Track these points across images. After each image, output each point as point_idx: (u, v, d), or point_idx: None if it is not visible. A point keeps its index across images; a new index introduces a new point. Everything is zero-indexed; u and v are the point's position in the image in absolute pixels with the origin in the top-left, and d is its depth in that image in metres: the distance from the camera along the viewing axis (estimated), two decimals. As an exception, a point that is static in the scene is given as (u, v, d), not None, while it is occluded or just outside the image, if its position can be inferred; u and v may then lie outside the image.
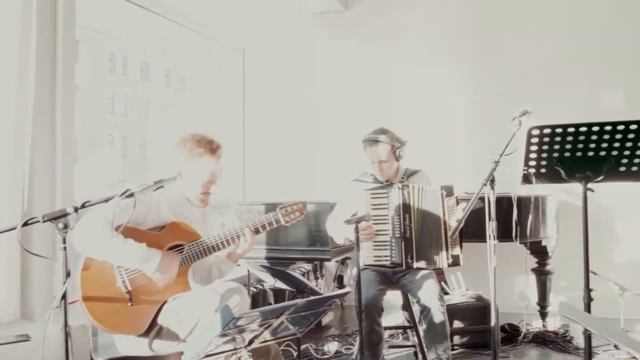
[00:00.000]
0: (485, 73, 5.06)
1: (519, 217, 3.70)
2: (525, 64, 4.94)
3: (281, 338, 2.19)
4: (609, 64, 4.73)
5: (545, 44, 4.93)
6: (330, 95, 5.46)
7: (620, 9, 4.77)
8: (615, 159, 2.50)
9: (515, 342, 4.00)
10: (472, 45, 5.10)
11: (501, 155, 2.66)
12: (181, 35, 5.03)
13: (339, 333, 4.38)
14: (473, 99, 5.11)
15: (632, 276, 4.38)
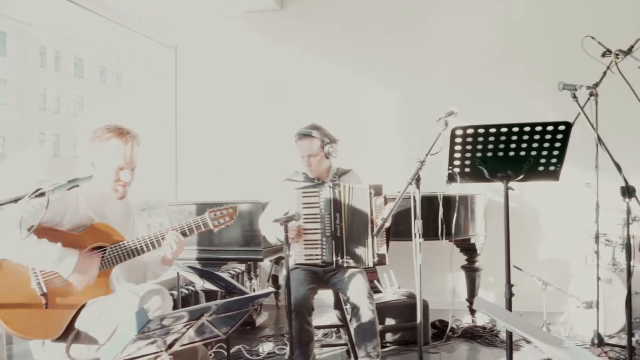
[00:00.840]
0: (416, 74, 5.15)
1: (448, 216, 3.80)
2: (457, 65, 5.07)
3: (206, 340, 2.14)
4: (536, 66, 4.91)
5: (476, 45, 5.07)
6: (264, 94, 5.42)
7: (548, 13, 4.96)
8: (534, 159, 2.59)
9: (445, 338, 4.08)
10: (404, 46, 5.18)
11: (427, 155, 2.71)
12: (114, 31, 4.87)
13: (273, 333, 4.35)
14: (405, 99, 5.20)
15: (554, 271, 4.59)
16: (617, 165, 2.53)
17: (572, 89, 3.10)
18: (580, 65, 3.39)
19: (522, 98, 4.90)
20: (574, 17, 4.84)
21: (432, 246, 3.86)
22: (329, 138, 3.34)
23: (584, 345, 3.82)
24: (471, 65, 5.04)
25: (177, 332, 1.91)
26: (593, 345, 3.67)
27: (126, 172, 2.43)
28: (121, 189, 2.44)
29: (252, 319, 4.49)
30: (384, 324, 3.86)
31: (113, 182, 2.42)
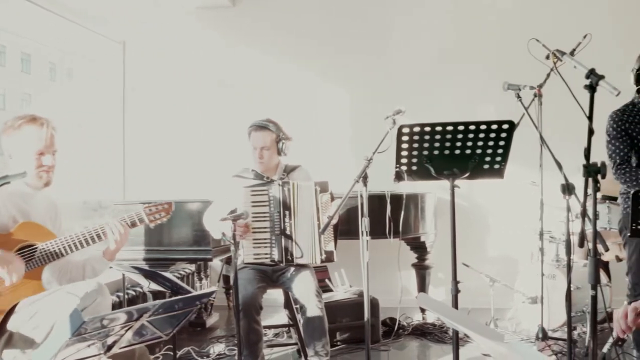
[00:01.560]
0: (368, 73, 5.18)
1: (398, 214, 3.83)
2: (407, 64, 5.13)
3: (147, 341, 2.08)
4: (484, 66, 5.00)
5: (426, 46, 5.13)
6: (214, 91, 5.35)
7: (496, 15, 5.06)
8: (479, 157, 2.62)
9: (394, 335, 4.11)
10: (356, 45, 5.20)
11: (374, 153, 2.73)
12: (62, 26, 4.72)
13: (224, 334, 4.29)
14: (356, 98, 5.22)
15: (502, 268, 4.69)
16: (557, 163, 2.60)
17: (516, 89, 3.17)
18: (527, 66, 3.46)
19: (471, 98, 4.99)
20: (521, 19, 4.96)
21: (383, 245, 3.88)
22: (283, 134, 3.35)
23: (529, 339, 3.92)
24: (421, 65, 5.11)
25: (116, 333, 1.85)
26: (538, 339, 3.76)
27: (48, 157, 2.36)
28: (45, 175, 2.36)
29: (202, 320, 4.42)
30: (334, 322, 3.85)
31: (35, 170, 2.34)
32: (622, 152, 3.05)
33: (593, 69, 1.94)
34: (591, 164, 2.05)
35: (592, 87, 1.93)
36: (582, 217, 2.25)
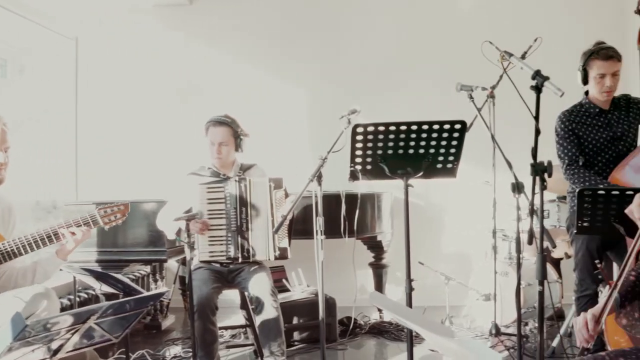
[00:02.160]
0: (325, 73, 5.19)
1: (353, 214, 3.86)
2: (365, 65, 5.16)
3: (96, 344, 2.03)
4: (440, 67, 5.07)
5: (384, 46, 5.18)
6: (170, 90, 5.28)
7: (452, 16, 5.15)
8: (432, 156, 2.65)
9: (350, 334, 4.13)
10: (314, 45, 5.21)
11: (328, 152, 2.73)
12: (12, 22, 4.56)
13: (180, 336, 4.23)
14: (314, 98, 5.22)
15: (458, 266, 4.77)
16: (508, 162, 2.65)
17: (468, 89, 3.23)
18: (483, 67, 3.51)
19: (427, 98, 5.05)
20: (476, 22, 5.05)
21: (340, 244, 3.90)
22: (241, 130, 3.34)
23: (483, 335, 3.99)
24: (378, 65, 5.15)
25: (61, 337, 1.80)
26: (491, 335, 3.84)
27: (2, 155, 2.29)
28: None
29: (157, 322, 4.35)
30: (291, 322, 3.85)
31: None
32: (571, 153, 3.14)
33: (538, 71, 2.00)
34: (538, 163, 2.11)
35: (537, 88, 1.99)
36: (530, 214, 2.30)
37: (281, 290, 4.05)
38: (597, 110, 3.16)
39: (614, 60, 3.04)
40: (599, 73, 3.06)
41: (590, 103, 3.18)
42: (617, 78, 3.09)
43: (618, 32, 4.60)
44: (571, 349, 3.64)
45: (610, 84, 3.06)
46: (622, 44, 3.41)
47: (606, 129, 3.14)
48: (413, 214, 4.74)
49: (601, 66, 3.04)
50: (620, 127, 3.15)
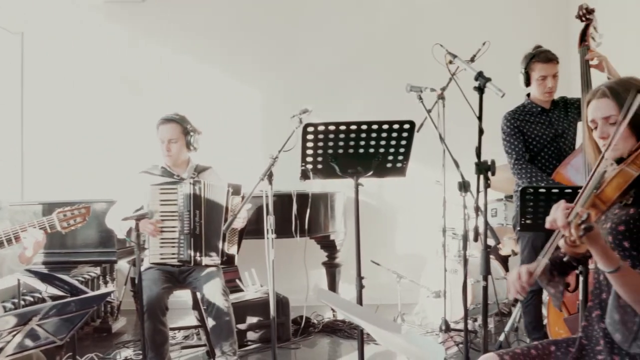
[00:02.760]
0: (280, 73, 5.19)
1: (308, 213, 3.88)
2: (319, 65, 5.18)
3: (40, 346, 1.99)
4: (393, 68, 5.13)
5: (338, 47, 5.21)
6: (121, 88, 5.18)
7: (405, 18, 5.22)
8: (382, 156, 2.70)
9: (306, 333, 4.16)
10: (268, 44, 5.21)
11: (279, 152, 2.75)
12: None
13: (131, 339, 4.16)
14: (268, 98, 5.22)
15: (410, 264, 4.84)
16: (455, 162, 2.72)
17: (417, 90, 3.30)
18: (436, 69, 3.58)
19: (381, 98, 5.11)
20: (429, 23, 5.14)
21: (294, 244, 3.92)
22: (191, 127, 3.32)
23: (434, 332, 4.07)
24: (332, 65, 5.18)
25: (3, 339, 1.76)
26: (441, 331, 3.92)
27: None
28: None
29: (107, 325, 4.26)
30: (245, 322, 3.84)
31: None
32: (517, 148, 3.31)
33: (481, 72, 2.06)
34: (482, 162, 2.18)
35: (480, 88, 2.05)
36: (475, 212, 2.37)
37: (234, 290, 4.04)
38: (539, 110, 3.36)
39: (553, 63, 3.26)
40: (540, 75, 3.26)
41: (532, 103, 3.38)
42: (557, 79, 3.32)
43: (562, 36, 4.78)
44: (517, 342, 3.76)
45: (552, 84, 3.28)
46: (565, 46, 3.56)
47: (548, 126, 3.34)
48: (366, 214, 4.83)
49: (542, 68, 3.24)
50: (560, 125, 3.36)
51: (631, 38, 4.13)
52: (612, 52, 3.67)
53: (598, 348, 1.66)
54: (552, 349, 1.74)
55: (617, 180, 1.52)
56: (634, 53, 3.98)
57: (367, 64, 5.23)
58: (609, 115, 1.65)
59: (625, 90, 1.62)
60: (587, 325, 1.74)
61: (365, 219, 4.50)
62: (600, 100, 1.68)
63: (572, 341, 1.74)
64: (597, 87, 1.72)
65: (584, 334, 1.73)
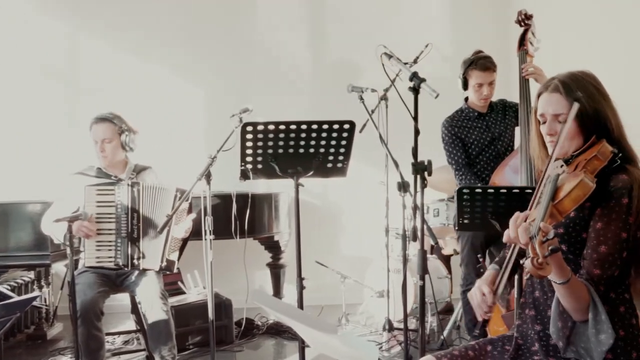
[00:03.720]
0: (224, 71, 5.11)
1: (251, 214, 3.85)
2: (263, 63, 5.13)
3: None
4: (340, 68, 5.14)
5: (278, 44, 5.17)
6: (56, 84, 4.98)
7: (352, 18, 5.23)
8: (322, 156, 2.69)
9: (250, 335, 4.11)
10: (212, 42, 5.12)
11: (218, 151, 2.70)
12: None
13: (67, 345, 4.00)
14: (212, 97, 5.14)
15: (355, 265, 4.86)
16: (395, 162, 2.73)
17: (359, 91, 3.31)
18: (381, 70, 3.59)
19: (326, 98, 5.11)
20: (375, 26, 5.17)
21: (238, 245, 3.87)
22: (126, 126, 3.22)
23: (377, 331, 4.10)
24: (276, 64, 5.15)
25: None
26: (385, 331, 3.95)
27: None
28: None
29: (42, 331, 4.09)
30: (187, 325, 3.76)
31: None
32: (458, 158, 3.40)
33: (415, 72, 2.08)
34: (418, 162, 2.19)
35: (415, 89, 2.06)
36: (413, 212, 2.38)
37: (176, 292, 3.96)
38: (476, 114, 3.45)
39: (490, 71, 3.33)
40: (477, 82, 3.34)
41: (469, 108, 3.47)
42: (493, 86, 3.39)
43: (503, 38, 4.89)
44: (459, 340, 3.82)
45: (487, 92, 3.36)
46: (507, 49, 3.64)
47: (485, 130, 3.43)
48: (311, 214, 4.83)
49: (479, 76, 3.32)
50: (497, 129, 3.45)
51: (568, 44, 4.27)
52: (549, 57, 3.80)
53: (533, 349, 1.67)
54: (488, 348, 1.75)
55: (577, 192, 1.46)
56: (570, 59, 4.12)
57: (312, 64, 5.23)
58: (559, 113, 1.61)
59: (578, 87, 1.59)
60: (522, 323, 1.75)
61: (310, 219, 4.53)
62: (552, 95, 1.62)
63: (508, 339, 1.75)
64: (550, 80, 1.66)
65: (519, 333, 1.74)
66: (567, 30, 4.28)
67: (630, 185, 1.50)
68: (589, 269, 1.52)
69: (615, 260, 1.50)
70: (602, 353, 1.44)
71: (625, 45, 3.66)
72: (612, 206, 1.51)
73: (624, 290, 1.59)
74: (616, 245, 1.50)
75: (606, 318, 1.44)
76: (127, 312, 4.17)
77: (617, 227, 1.50)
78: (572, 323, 1.50)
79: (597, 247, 1.52)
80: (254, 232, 4.00)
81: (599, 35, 3.93)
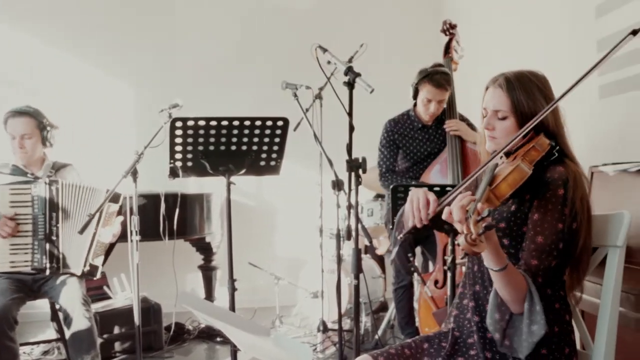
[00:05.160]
0: (154, 66, 4.93)
1: (183, 215, 3.71)
2: (197, 58, 4.99)
3: None
4: (274, 65, 5.06)
5: (215, 42, 5.04)
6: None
7: (286, 17, 5.17)
8: (255, 153, 2.62)
9: (181, 340, 3.97)
10: (144, 35, 4.92)
11: (145, 147, 2.58)
12: None
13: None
14: (141, 92, 4.93)
15: (290, 266, 4.81)
16: (329, 160, 2.69)
17: (293, 88, 3.25)
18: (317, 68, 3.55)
19: (261, 95, 5.02)
20: (311, 22, 5.13)
21: (168, 246, 3.72)
22: (47, 120, 3.03)
23: (312, 333, 4.05)
24: (210, 61, 5.01)
25: None
26: (319, 332, 3.91)
27: None
28: None
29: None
30: (112, 332, 3.58)
31: None
32: (388, 161, 3.41)
33: (350, 67, 2.04)
34: (353, 159, 2.15)
35: (350, 84, 2.03)
36: (348, 211, 2.35)
37: (101, 298, 3.77)
38: (420, 126, 3.42)
39: (443, 90, 3.25)
40: (426, 97, 3.28)
41: (415, 117, 3.43)
42: (442, 105, 3.32)
43: (435, 45, 4.97)
44: (393, 339, 3.83)
45: (434, 110, 3.31)
46: (438, 55, 3.67)
47: (426, 142, 3.42)
48: (245, 215, 4.73)
49: (430, 92, 3.25)
50: (438, 145, 3.42)
51: (489, 53, 4.36)
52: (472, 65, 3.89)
53: (470, 341, 1.66)
54: (425, 346, 1.72)
55: (513, 176, 1.48)
56: (490, 68, 4.21)
57: (247, 60, 5.11)
58: (499, 109, 1.62)
59: (520, 86, 1.60)
60: (459, 313, 1.74)
61: (243, 220, 4.42)
62: (496, 91, 1.64)
63: (445, 336, 1.74)
64: (499, 75, 1.67)
65: (456, 323, 1.73)
66: (489, 40, 4.38)
67: (566, 177, 1.53)
68: (526, 259, 1.53)
69: (552, 251, 1.51)
70: (531, 344, 1.44)
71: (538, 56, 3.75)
72: (548, 197, 1.53)
73: (559, 287, 1.61)
74: (553, 235, 1.51)
75: (541, 309, 1.44)
76: (47, 320, 3.94)
77: (553, 218, 1.51)
78: (510, 316, 1.50)
79: (534, 238, 1.53)
80: (184, 233, 3.85)
81: (516, 45, 4.04)
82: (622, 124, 2.86)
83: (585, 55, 3.14)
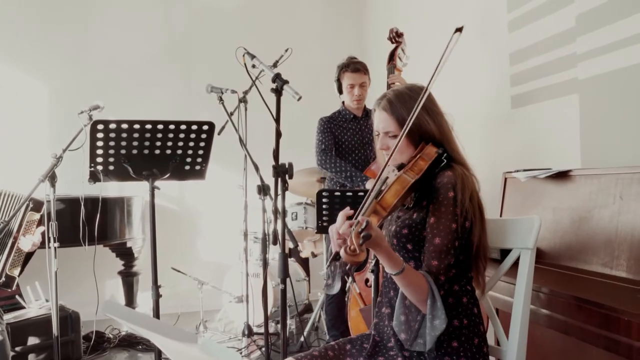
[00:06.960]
0: (73, 67, 4.75)
1: (103, 219, 3.60)
2: (116, 62, 4.86)
3: None
4: (197, 68, 5.01)
5: (138, 41, 4.93)
6: None
7: (210, 18, 5.12)
8: (180, 158, 2.58)
9: (100, 349, 3.85)
10: (60, 34, 4.74)
11: (64, 151, 2.48)
12: None
13: None
14: (58, 93, 4.73)
15: (214, 270, 4.76)
16: (255, 165, 2.70)
17: (218, 91, 3.24)
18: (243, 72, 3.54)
19: (186, 98, 4.96)
20: (236, 25, 5.11)
21: (89, 252, 3.58)
22: None
23: (237, 337, 4.04)
24: (131, 62, 4.89)
25: None
26: (244, 336, 3.89)
27: None
28: None
29: None
30: (26, 344, 3.41)
31: None
32: (326, 141, 3.56)
33: (278, 74, 2.07)
34: (279, 165, 2.18)
35: (277, 90, 2.05)
36: (274, 216, 2.37)
37: (14, 308, 3.58)
38: (352, 117, 3.66)
39: (361, 73, 3.56)
40: (349, 84, 3.57)
41: (346, 110, 3.68)
42: (365, 88, 3.62)
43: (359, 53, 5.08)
44: (318, 341, 3.89)
45: (359, 93, 3.58)
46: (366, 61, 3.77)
47: (357, 133, 3.64)
48: (167, 219, 4.65)
49: (350, 77, 3.55)
50: (368, 134, 3.66)
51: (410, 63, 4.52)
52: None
53: (390, 345, 1.75)
54: (347, 347, 1.80)
55: (396, 186, 1.59)
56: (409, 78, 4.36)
57: (170, 62, 5.03)
58: (388, 130, 1.74)
59: (402, 107, 1.71)
60: (378, 322, 1.83)
61: (166, 224, 4.34)
62: (381, 114, 1.75)
63: (367, 337, 1.82)
64: (382, 96, 1.78)
65: (376, 331, 1.81)
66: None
67: (454, 180, 1.64)
68: (427, 261, 1.64)
69: (449, 250, 1.62)
70: (434, 337, 1.54)
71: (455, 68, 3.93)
72: (440, 200, 1.63)
73: (466, 282, 1.73)
74: (448, 235, 1.61)
75: (441, 305, 1.55)
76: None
77: (447, 219, 1.62)
78: (422, 317, 1.58)
79: (432, 240, 1.63)
80: (104, 239, 3.74)
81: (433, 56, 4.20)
82: (533, 131, 3.06)
83: (499, 67, 3.33)
